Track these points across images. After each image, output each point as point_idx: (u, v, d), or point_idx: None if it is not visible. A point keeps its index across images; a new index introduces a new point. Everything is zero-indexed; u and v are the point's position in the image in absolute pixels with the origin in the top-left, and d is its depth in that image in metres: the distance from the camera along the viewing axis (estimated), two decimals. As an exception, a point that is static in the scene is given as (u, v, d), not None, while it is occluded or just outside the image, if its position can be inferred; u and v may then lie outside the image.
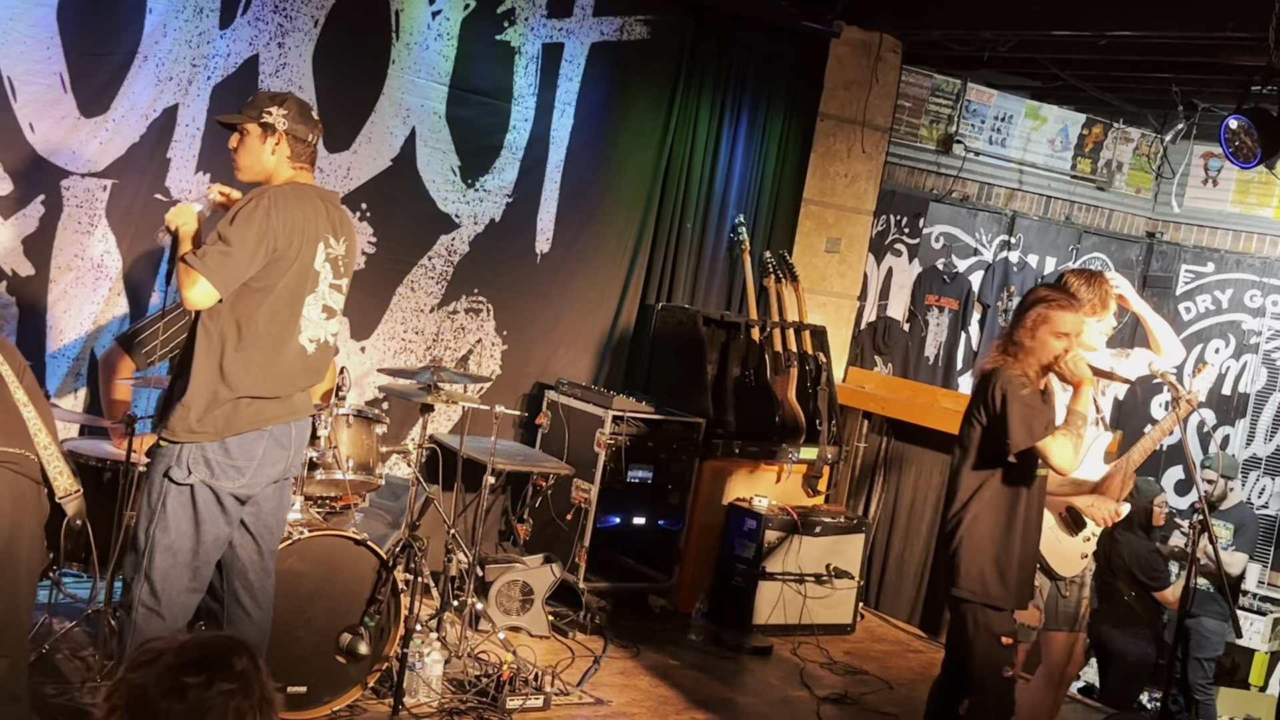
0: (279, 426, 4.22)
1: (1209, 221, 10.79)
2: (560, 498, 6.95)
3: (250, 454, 4.14)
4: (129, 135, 5.97)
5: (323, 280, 4.28)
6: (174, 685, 1.96)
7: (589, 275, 7.61)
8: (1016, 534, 4.53)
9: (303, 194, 4.25)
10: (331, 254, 4.29)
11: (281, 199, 4.14)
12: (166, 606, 4.09)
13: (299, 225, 4.16)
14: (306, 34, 6.40)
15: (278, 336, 4.17)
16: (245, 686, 2.00)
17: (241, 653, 2.03)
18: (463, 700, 5.36)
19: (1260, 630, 9.42)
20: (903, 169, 9.61)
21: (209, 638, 2.08)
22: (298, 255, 4.16)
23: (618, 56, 7.47)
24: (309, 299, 4.24)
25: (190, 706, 1.95)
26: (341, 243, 4.34)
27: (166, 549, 4.09)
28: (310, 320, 4.27)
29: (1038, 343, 4.51)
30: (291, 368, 4.23)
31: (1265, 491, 10.23)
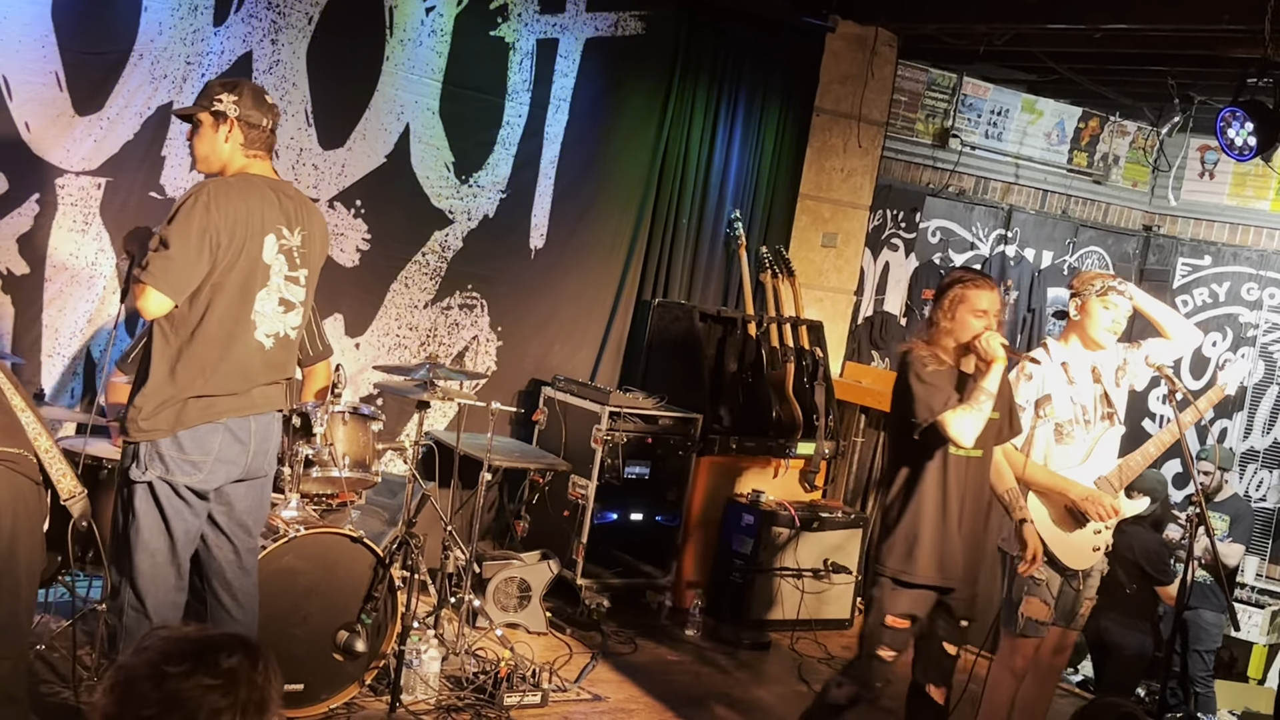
0: (235, 420, 4.12)
1: (1206, 214, 10.78)
2: (557, 494, 6.95)
3: (204, 448, 4.07)
4: (123, 133, 5.97)
5: (275, 273, 4.17)
6: (154, 672, 1.96)
7: (584, 271, 7.60)
8: (930, 513, 4.60)
9: (248, 185, 4.14)
10: (285, 245, 4.17)
11: (221, 192, 4.04)
12: (154, 608, 4.06)
13: (242, 218, 4.05)
14: (300, 30, 6.39)
15: (228, 333, 4.07)
16: (229, 685, 1.97)
17: (237, 653, 2.00)
18: (460, 697, 5.35)
19: (1258, 623, 9.42)
20: (899, 163, 9.60)
21: (212, 634, 2.07)
22: (242, 249, 4.04)
23: (612, 52, 7.46)
24: (261, 294, 4.13)
25: (165, 695, 1.94)
26: (297, 233, 4.22)
27: (144, 549, 4.06)
28: (265, 315, 4.16)
29: (957, 323, 4.61)
30: (247, 365, 4.13)
31: (1263, 484, 10.23)
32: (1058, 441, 4.98)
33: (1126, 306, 4.98)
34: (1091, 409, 5.03)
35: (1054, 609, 5.02)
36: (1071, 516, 5.01)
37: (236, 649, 2.01)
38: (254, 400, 4.19)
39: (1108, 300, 4.95)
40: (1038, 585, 4.97)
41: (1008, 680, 5.12)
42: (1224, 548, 8.41)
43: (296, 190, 4.37)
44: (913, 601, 4.64)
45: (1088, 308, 4.98)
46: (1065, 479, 4.95)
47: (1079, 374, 5.03)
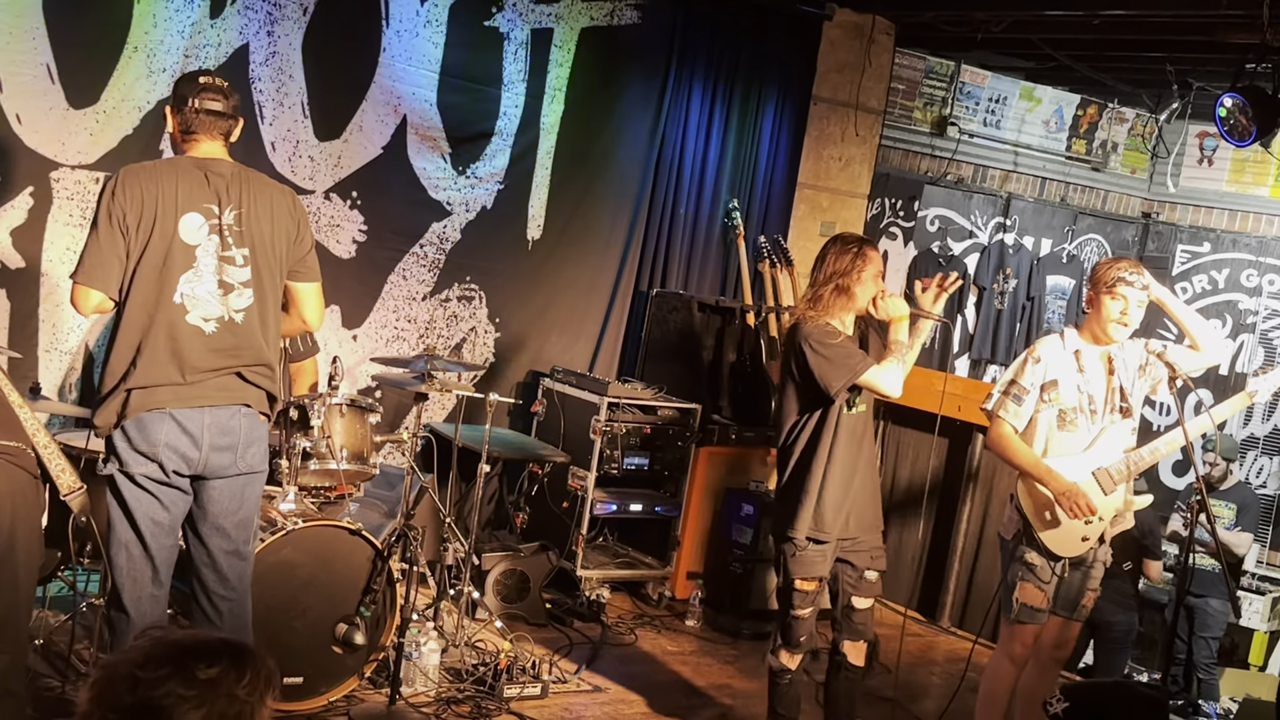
0: (182, 410, 3.99)
1: (1205, 201, 10.76)
2: (557, 485, 6.93)
3: (150, 438, 3.97)
4: (121, 127, 5.94)
5: (204, 254, 4.02)
6: (130, 675, 1.93)
7: (582, 261, 7.58)
8: (833, 473, 4.87)
9: (168, 165, 4.04)
10: (216, 224, 4.03)
11: (129, 175, 3.97)
12: (132, 603, 4.02)
13: (150, 198, 3.94)
14: (296, 22, 6.36)
15: (150, 318, 3.96)
16: (203, 696, 1.93)
17: (220, 662, 1.96)
18: (460, 689, 5.34)
19: (1260, 610, 9.42)
20: (897, 152, 9.58)
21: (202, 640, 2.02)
22: (152, 230, 3.93)
23: (608, 41, 7.43)
24: (186, 275, 3.99)
25: (137, 700, 1.91)
26: (229, 211, 4.04)
27: (117, 542, 4.03)
28: (197, 298, 4.01)
29: (863, 285, 4.89)
30: (181, 350, 3.99)
31: (1263, 471, 10.23)
32: (1060, 428, 4.94)
33: (1138, 296, 4.91)
34: (1101, 400, 4.97)
35: (1051, 596, 4.99)
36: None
37: (221, 659, 1.97)
38: (204, 392, 4.03)
39: (1116, 291, 4.88)
40: (1031, 570, 4.93)
41: (1007, 668, 5.09)
42: (1232, 536, 8.40)
43: (237, 167, 4.15)
44: (817, 563, 4.92)
45: (1097, 301, 4.94)
46: (1049, 469, 4.88)
47: (1090, 363, 4.98)
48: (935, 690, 6.53)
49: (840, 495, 4.88)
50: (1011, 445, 4.95)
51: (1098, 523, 4.97)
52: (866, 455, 4.98)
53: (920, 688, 6.55)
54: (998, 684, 5.13)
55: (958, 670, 6.59)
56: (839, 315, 4.92)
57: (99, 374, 4.08)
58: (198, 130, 4.08)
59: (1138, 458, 4.99)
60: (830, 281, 4.92)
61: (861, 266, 4.89)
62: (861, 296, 4.90)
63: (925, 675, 6.79)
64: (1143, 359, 5.06)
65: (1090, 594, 5.10)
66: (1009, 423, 4.95)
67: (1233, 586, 6.30)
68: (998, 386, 5.06)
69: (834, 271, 4.93)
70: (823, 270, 4.96)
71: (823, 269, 4.95)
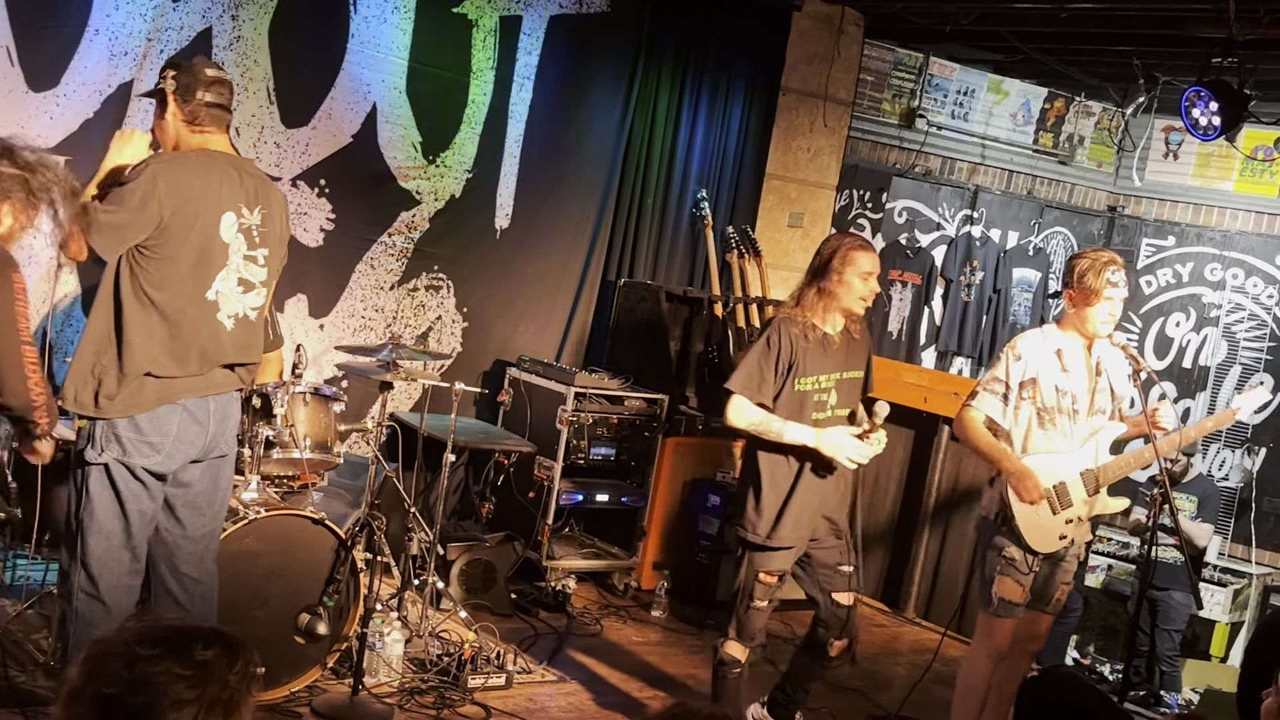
0: (193, 400, 4.06)
1: (1170, 195, 10.83)
2: (523, 475, 6.91)
3: (163, 429, 4.01)
4: (82, 110, 5.87)
5: (234, 253, 4.10)
6: (127, 651, 1.93)
7: (550, 251, 7.56)
8: (784, 476, 4.93)
9: (207, 161, 4.07)
10: (244, 224, 4.10)
11: (173, 165, 3.99)
12: (107, 591, 4.01)
13: (195, 193, 3.98)
14: (262, 6, 6.30)
15: (181, 311, 4.00)
16: (198, 677, 1.93)
17: (215, 647, 1.96)
18: (424, 679, 5.32)
19: (1221, 602, 9.50)
20: (865, 143, 9.59)
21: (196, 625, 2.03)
22: (194, 226, 3.98)
23: (577, 29, 7.40)
24: (220, 274, 4.07)
25: (134, 676, 1.91)
26: (257, 212, 4.14)
27: (98, 532, 4.01)
28: (225, 295, 4.10)
29: (844, 285, 4.88)
30: (207, 346, 4.08)
31: (1225, 464, 10.31)
32: (1039, 426, 4.89)
33: (1122, 294, 4.91)
34: (1085, 400, 4.93)
35: (1028, 590, 4.97)
36: (1052, 499, 4.89)
37: (215, 643, 1.97)
38: (213, 380, 4.14)
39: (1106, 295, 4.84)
40: (1011, 564, 4.90)
41: (984, 663, 5.05)
42: (1194, 527, 8.48)
43: (257, 168, 4.30)
44: (782, 560, 4.99)
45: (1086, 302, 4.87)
46: (1004, 449, 4.88)
47: (1073, 363, 4.94)
48: (900, 681, 6.55)
49: (796, 503, 4.92)
50: (971, 428, 4.96)
51: (1078, 522, 4.97)
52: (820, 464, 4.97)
53: (885, 678, 6.57)
54: (976, 679, 5.08)
55: (922, 661, 6.62)
56: (821, 314, 4.92)
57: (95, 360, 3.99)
58: (210, 125, 4.12)
59: (1117, 465, 4.98)
60: (812, 281, 4.93)
61: (841, 268, 4.87)
62: (844, 297, 4.89)
63: (890, 666, 6.81)
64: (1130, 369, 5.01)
65: (1063, 587, 5.10)
66: (976, 409, 4.94)
67: (1194, 578, 6.33)
68: (979, 383, 5.03)
69: (816, 270, 4.94)
70: (809, 268, 4.99)
71: (810, 267, 4.99)
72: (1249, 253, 10.37)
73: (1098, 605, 9.67)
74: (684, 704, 2.21)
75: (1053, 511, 4.91)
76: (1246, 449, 10.20)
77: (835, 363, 4.98)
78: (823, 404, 4.94)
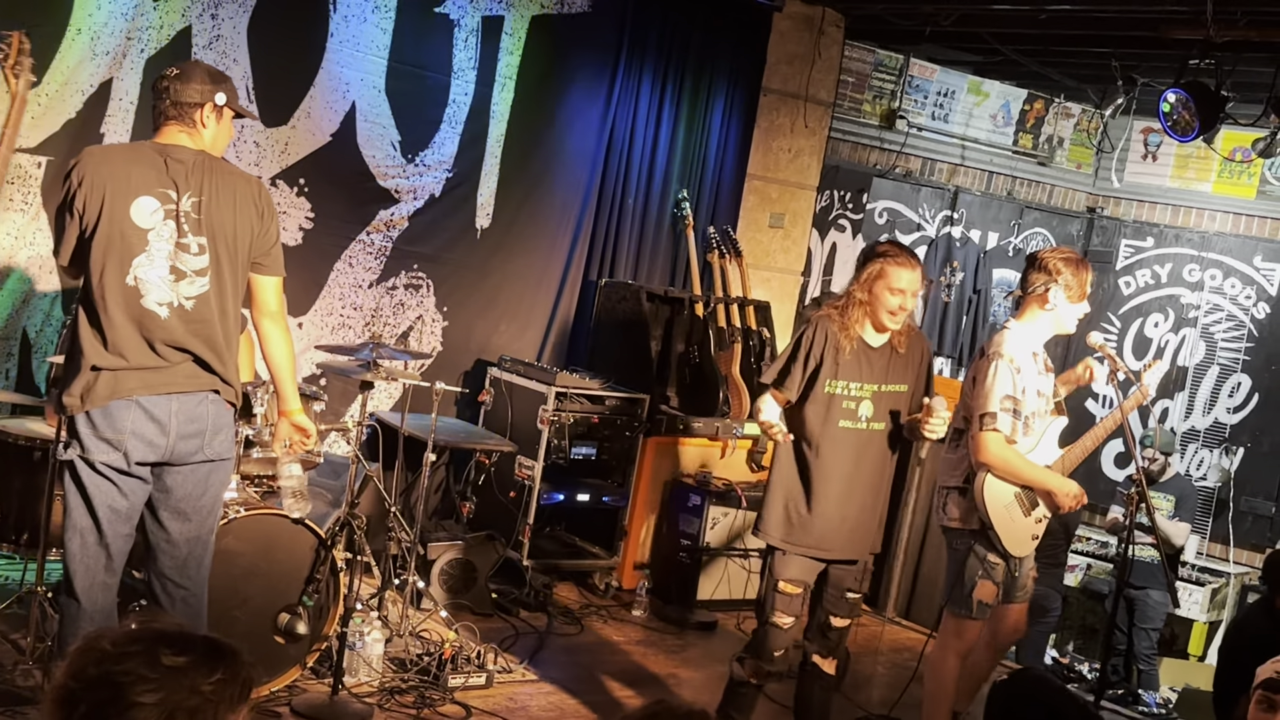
0: (149, 398, 3.98)
1: (1149, 196, 10.89)
2: (504, 475, 6.91)
3: (116, 425, 3.95)
4: (64, 111, 5.85)
5: (157, 238, 3.99)
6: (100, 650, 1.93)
7: (531, 251, 7.56)
8: (807, 483, 4.75)
9: (127, 149, 4.15)
10: (173, 210, 4.00)
11: (88, 158, 4.01)
12: (83, 590, 3.99)
13: (102, 179, 3.94)
14: (241, 5, 6.29)
15: (103, 298, 3.95)
16: (162, 681, 1.91)
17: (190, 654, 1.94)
18: (404, 679, 5.31)
19: (1199, 600, 9.55)
20: (846, 144, 9.61)
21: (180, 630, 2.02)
22: (102, 211, 3.93)
23: (559, 30, 7.41)
24: (139, 259, 3.97)
25: (100, 673, 1.91)
26: (189, 198, 4.02)
27: (73, 529, 4.00)
28: (149, 282, 3.98)
29: (873, 297, 4.74)
30: (141, 333, 3.97)
31: (1203, 464, 10.36)
32: (1024, 432, 4.90)
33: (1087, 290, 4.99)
34: (1049, 399, 5.02)
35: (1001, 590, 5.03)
36: (1022, 502, 4.95)
37: (193, 651, 1.95)
38: (172, 379, 4.02)
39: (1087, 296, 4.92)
40: (993, 570, 4.93)
41: (953, 662, 5.08)
42: (1171, 526, 8.53)
43: (201, 155, 4.10)
44: (801, 568, 4.79)
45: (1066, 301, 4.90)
46: (1054, 475, 4.90)
47: (1045, 363, 5.02)
48: (880, 680, 6.57)
49: (817, 510, 4.75)
50: (1015, 459, 4.84)
51: (1045, 520, 5.02)
52: (865, 474, 4.81)
53: (865, 678, 6.59)
54: (946, 679, 5.10)
55: (902, 660, 6.65)
56: (861, 322, 4.77)
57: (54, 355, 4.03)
58: (166, 120, 4.10)
59: (1071, 454, 5.05)
60: (849, 286, 4.87)
61: (872, 280, 4.74)
62: (873, 308, 4.74)
63: (870, 665, 6.83)
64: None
65: (1030, 574, 5.20)
66: (1000, 431, 4.81)
67: (1171, 576, 6.38)
68: (991, 401, 4.82)
69: (854, 276, 4.87)
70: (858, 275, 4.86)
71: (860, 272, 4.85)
72: (1227, 254, 10.43)
73: (1076, 604, 9.72)
74: (663, 701, 2.22)
75: (1024, 514, 4.95)
76: (1224, 449, 10.26)
77: (874, 374, 4.78)
78: (852, 412, 4.75)
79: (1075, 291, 4.87)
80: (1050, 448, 5.02)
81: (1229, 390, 10.33)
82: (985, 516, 4.87)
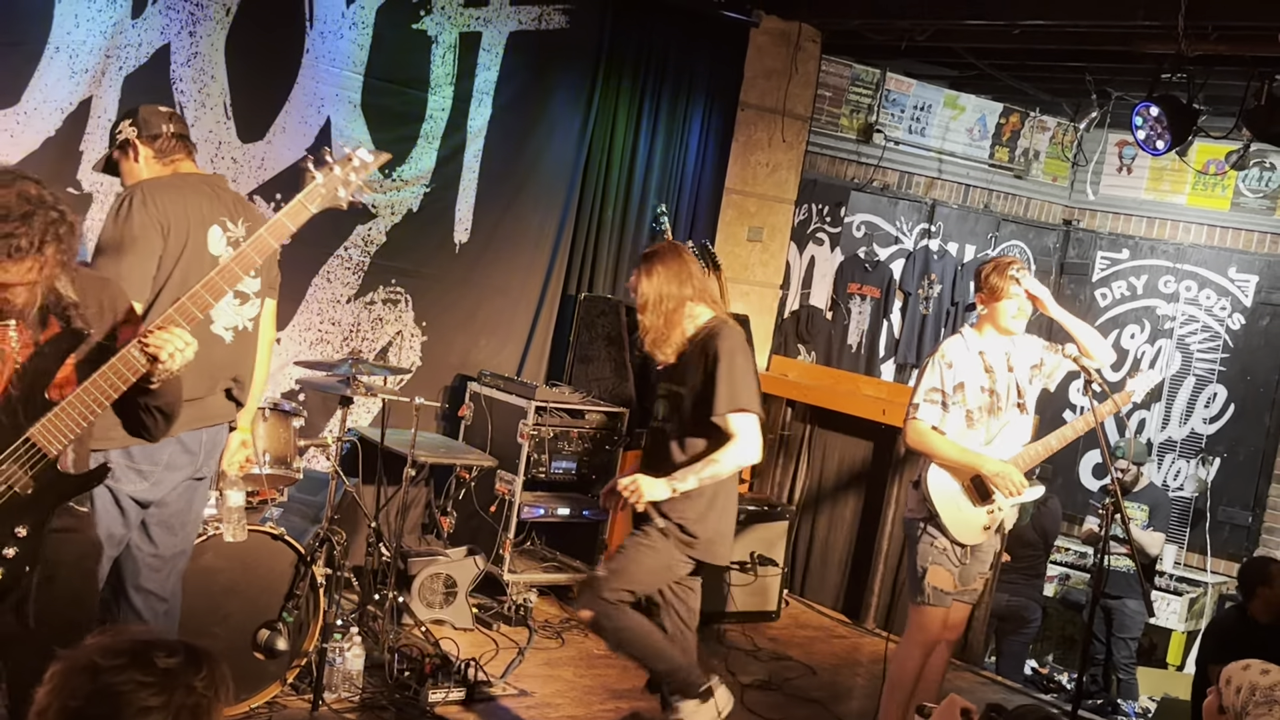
0: (188, 433, 4.11)
1: (1124, 209, 10.97)
2: (484, 490, 6.91)
3: (154, 459, 4.04)
4: (43, 129, 5.85)
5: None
6: (89, 665, 1.94)
7: (510, 265, 7.57)
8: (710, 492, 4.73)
9: (181, 181, 4.17)
10: (231, 237, 4.18)
11: (153, 189, 4.06)
12: None
13: (179, 212, 4.06)
14: (218, 22, 6.30)
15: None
16: (163, 684, 1.94)
17: (178, 655, 1.98)
18: (384, 695, 5.31)
19: (1177, 610, 9.60)
20: (824, 158, 9.66)
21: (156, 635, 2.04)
22: (185, 243, 4.05)
23: (536, 45, 7.43)
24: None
25: (97, 687, 1.93)
26: (241, 224, 4.24)
27: None
28: (221, 308, 4.14)
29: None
30: (209, 361, 4.06)
31: (1180, 474, 10.43)
32: (968, 427, 5.18)
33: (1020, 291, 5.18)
34: (1004, 397, 5.22)
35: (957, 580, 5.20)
36: (970, 493, 5.16)
37: (178, 652, 1.99)
38: (208, 411, 4.17)
39: (1011, 292, 5.18)
40: (943, 554, 5.15)
41: (916, 654, 5.27)
42: (1145, 536, 8.58)
43: (229, 186, 4.38)
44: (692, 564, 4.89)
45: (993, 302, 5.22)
46: (977, 454, 5.14)
47: (995, 363, 5.23)
48: (860, 691, 6.59)
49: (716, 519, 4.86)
50: (933, 439, 5.15)
51: (997, 512, 5.22)
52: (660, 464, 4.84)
53: (845, 689, 6.61)
54: (907, 670, 5.29)
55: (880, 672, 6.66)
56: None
57: None
58: (178, 153, 4.26)
59: (1033, 452, 5.23)
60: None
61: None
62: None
63: (850, 677, 6.85)
64: (1035, 359, 5.29)
65: (980, 577, 5.34)
66: (923, 420, 5.16)
67: (1146, 585, 6.44)
68: (917, 394, 5.22)
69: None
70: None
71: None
72: (1202, 265, 10.51)
73: (1055, 615, 9.76)
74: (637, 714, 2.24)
75: (973, 504, 5.17)
76: (1201, 459, 10.32)
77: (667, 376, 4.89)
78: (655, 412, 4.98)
79: (997, 290, 5.16)
80: (1008, 444, 5.22)
81: (1205, 401, 10.41)
82: (931, 505, 5.12)
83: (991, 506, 5.17)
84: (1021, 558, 8.37)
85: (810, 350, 9.82)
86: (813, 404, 8.25)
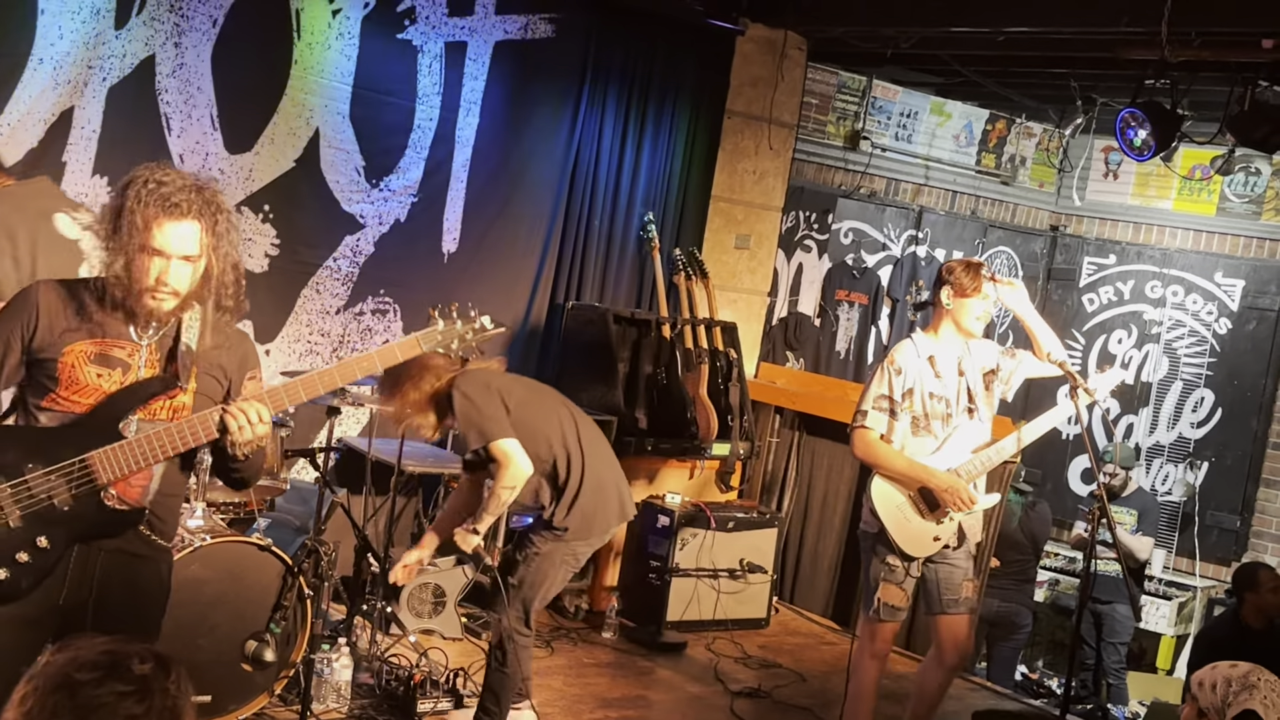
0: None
1: (1110, 214, 11.00)
2: (472, 499, 6.89)
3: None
4: (26, 140, 5.83)
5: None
6: (65, 681, 1.92)
7: (497, 274, 7.58)
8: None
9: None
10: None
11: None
12: None
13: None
14: (204, 34, 6.30)
15: None
16: (143, 692, 1.94)
17: (149, 660, 1.97)
18: (373, 705, 5.31)
19: (1166, 614, 9.62)
20: (811, 165, 9.69)
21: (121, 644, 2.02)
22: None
23: (522, 55, 7.45)
24: None
25: (79, 704, 1.91)
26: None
27: None
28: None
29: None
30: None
31: (1168, 478, 10.45)
32: (914, 434, 5.08)
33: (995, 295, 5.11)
34: (954, 402, 5.12)
35: (910, 595, 5.13)
36: (919, 504, 5.07)
37: (148, 658, 1.98)
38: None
39: (983, 291, 5.06)
40: (892, 572, 5.09)
41: (870, 664, 5.26)
42: (1134, 541, 8.60)
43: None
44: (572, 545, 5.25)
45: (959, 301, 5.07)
46: (925, 467, 5.03)
47: (945, 368, 5.12)
48: (849, 698, 6.59)
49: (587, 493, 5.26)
50: (880, 450, 5.06)
51: (948, 522, 5.11)
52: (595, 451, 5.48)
53: (834, 696, 6.59)
54: (866, 681, 5.28)
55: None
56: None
57: None
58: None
59: (985, 458, 5.13)
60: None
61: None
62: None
63: (839, 684, 6.81)
64: (991, 364, 5.22)
65: (968, 584, 5.22)
66: (871, 428, 5.05)
67: (1134, 590, 6.45)
68: (865, 401, 5.10)
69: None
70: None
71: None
72: (1188, 270, 10.54)
73: (1045, 620, 9.77)
74: None
75: (921, 515, 5.07)
76: (1189, 463, 10.35)
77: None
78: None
79: (966, 287, 5.03)
80: (958, 450, 5.11)
81: (1192, 405, 10.43)
82: (877, 517, 5.04)
83: (941, 517, 5.06)
84: (1011, 563, 8.38)
85: (798, 357, 9.83)
86: (801, 411, 8.27)
